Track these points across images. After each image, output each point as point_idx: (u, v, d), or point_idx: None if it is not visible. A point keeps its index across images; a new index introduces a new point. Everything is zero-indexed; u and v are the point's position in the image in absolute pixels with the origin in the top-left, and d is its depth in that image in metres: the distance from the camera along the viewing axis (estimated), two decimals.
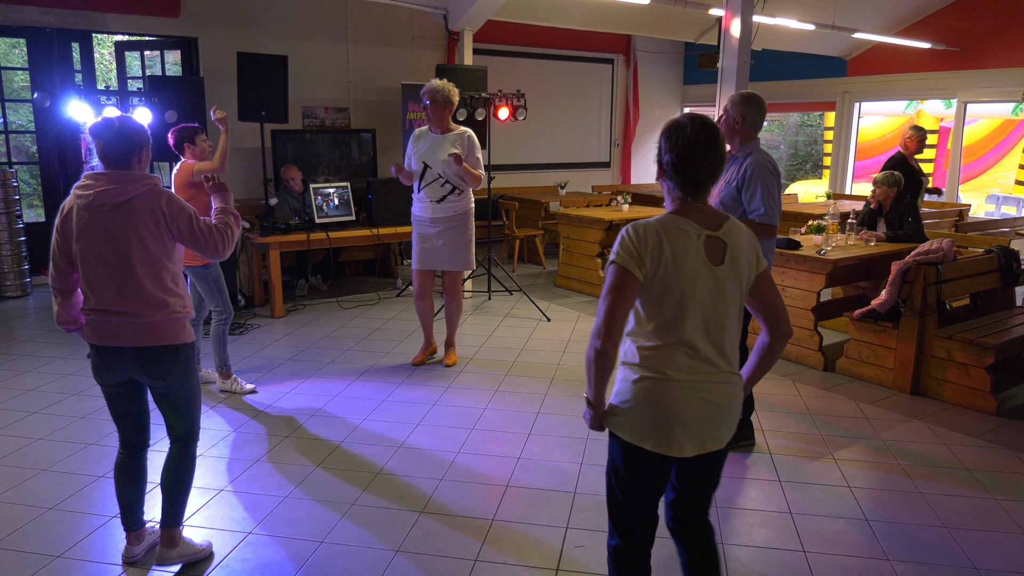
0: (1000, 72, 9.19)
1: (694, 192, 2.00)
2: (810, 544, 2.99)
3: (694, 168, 1.97)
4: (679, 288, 1.94)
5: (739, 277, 2.01)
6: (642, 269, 1.93)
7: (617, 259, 1.96)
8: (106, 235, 2.50)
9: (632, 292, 1.94)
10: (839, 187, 11.07)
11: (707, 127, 1.98)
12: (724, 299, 1.99)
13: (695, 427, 1.99)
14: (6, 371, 4.94)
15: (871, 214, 5.84)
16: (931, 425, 4.23)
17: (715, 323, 1.99)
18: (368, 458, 3.72)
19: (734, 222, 2.04)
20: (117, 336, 2.54)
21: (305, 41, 8.36)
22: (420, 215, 4.97)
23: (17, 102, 8.51)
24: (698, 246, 1.96)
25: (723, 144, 2.01)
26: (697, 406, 1.98)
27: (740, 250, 2.01)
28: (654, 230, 1.96)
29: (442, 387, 4.74)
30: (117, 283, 2.52)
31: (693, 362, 1.98)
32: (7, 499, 3.27)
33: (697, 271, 1.95)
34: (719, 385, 2.01)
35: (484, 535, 3.03)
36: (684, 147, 1.96)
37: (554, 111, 10.83)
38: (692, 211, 2.00)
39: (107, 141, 2.52)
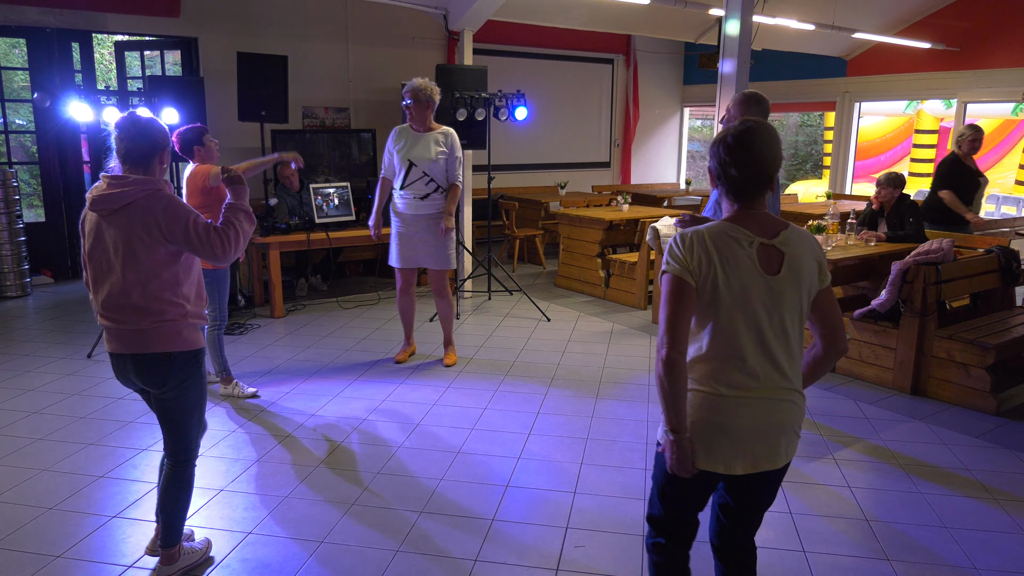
0: (1000, 72, 9.19)
1: (748, 198, 1.92)
2: (810, 544, 2.99)
3: (749, 172, 1.89)
4: (728, 298, 1.87)
5: (799, 288, 1.91)
6: (693, 275, 1.87)
7: (668, 268, 1.91)
8: (104, 240, 2.46)
9: (690, 297, 1.87)
10: (839, 187, 11.07)
11: (766, 129, 1.92)
12: (780, 311, 1.89)
13: (746, 444, 1.90)
14: (6, 371, 4.94)
15: (872, 215, 5.84)
16: (931, 425, 4.23)
17: (771, 336, 1.89)
18: (368, 458, 3.72)
19: (795, 230, 1.95)
20: (117, 343, 2.51)
21: (305, 41, 8.36)
22: (403, 212, 4.94)
23: (17, 102, 8.51)
24: (750, 254, 1.88)
25: (778, 147, 1.93)
26: (748, 422, 1.89)
27: (801, 260, 1.91)
28: (701, 237, 1.89)
29: (442, 387, 4.74)
30: (109, 288, 2.47)
31: (744, 377, 1.89)
32: (7, 499, 3.28)
33: (748, 280, 1.87)
34: (774, 402, 1.91)
35: (484, 535, 3.03)
36: (741, 151, 1.89)
37: (554, 111, 10.83)
38: (746, 218, 1.92)
39: (130, 139, 2.47)
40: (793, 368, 1.95)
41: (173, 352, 2.52)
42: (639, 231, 7.05)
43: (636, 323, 6.34)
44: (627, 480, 3.50)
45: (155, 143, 2.51)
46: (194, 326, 2.58)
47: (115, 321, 2.48)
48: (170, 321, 2.50)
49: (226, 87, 7.49)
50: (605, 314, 6.63)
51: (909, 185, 11.04)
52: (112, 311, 2.48)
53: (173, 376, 2.53)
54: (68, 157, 7.69)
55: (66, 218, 7.77)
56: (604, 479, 3.52)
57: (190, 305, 2.57)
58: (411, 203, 4.90)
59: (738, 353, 1.88)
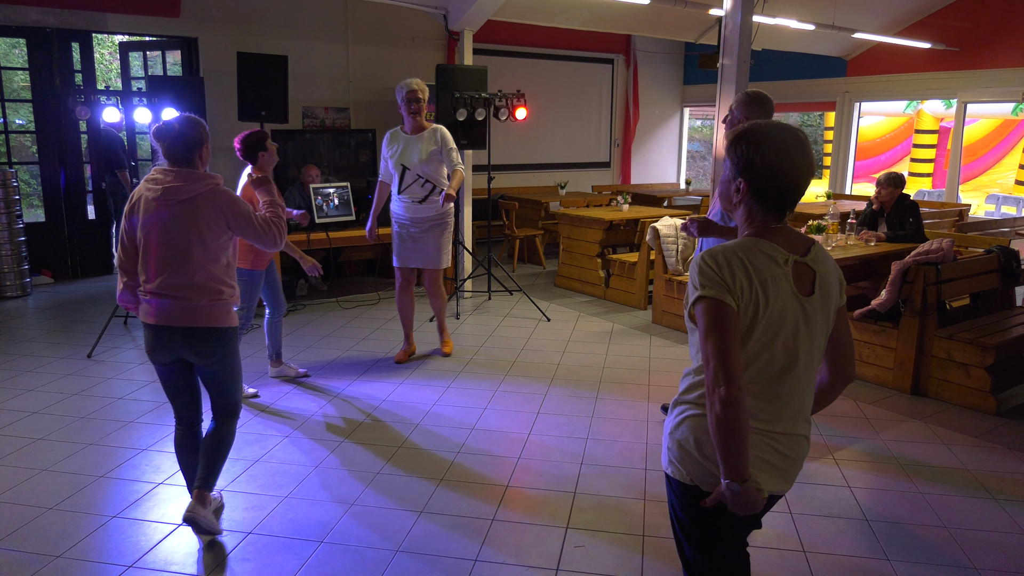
0: (1000, 72, 9.19)
1: (786, 211, 1.74)
2: (810, 544, 2.99)
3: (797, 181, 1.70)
4: (765, 324, 1.67)
5: (828, 311, 1.75)
6: (735, 298, 1.64)
7: (705, 292, 1.65)
8: (169, 226, 2.74)
9: (735, 323, 1.64)
10: (839, 187, 11.07)
11: (801, 135, 1.73)
12: (812, 336, 1.72)
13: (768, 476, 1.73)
14: (6, 371, 4.94)
15: (872, 215, 5.84)
16: (931, 425, 4.23)
17: (801, 365, 1.71)
18: (368, 458, 3.72)
19: (820, 247, 1.79)
20: (170, 317, 2.76)
21: (305, 41, 8.36)
22: (401, 215, 4.99)
23: (17, 102, 8.51)
24: (786, 273, 1.69)
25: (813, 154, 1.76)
26: (769, 457, 1.73)
27: (830, 279, 1.76)
28: (735, 255, 1.67)
29: (442, 387, 4.74)
30: (174, 269, 2.75)
31: (770, 405, 1.72)
32: (7, 499, 3.28)
33: (787, 302, 1.68)
34: (793, 438, 1.76)
35: (484, 535, 3.03)
36: (783, 159, 1.68)
37: (554, 111, 10.83)
38: (776, 233, 1.73)
39: (170, 142, 2.75)
40: (811, 400, 1.81)
41: (223, 327, 2.85)
42: (639, 231, 7.05)
43: (636, 323, 6.34)
44: (627, 480, 3.50)
45: (193, 141, 2.77)
46: (234, 305, 2.94)
47: (174, 298, 2.76)
48: (223, 300, 2.85)
49: (226, 87, 7.48)
50: (605, 314, 6.63)
51: (909, 185, 11.04)
52: (178, 289, 2.76)
53: (221, 348, 2.87)
54: (68, 157, 7.69)
55: (66, 218, 7.77)
56: (604, 479, 3.52)
57: (235, 288, 2.93)
58: (410, 207, 4.94)
59: (768, 384, 1.71)
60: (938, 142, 13.72)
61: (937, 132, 13.71)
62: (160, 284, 2.75)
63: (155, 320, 2.78)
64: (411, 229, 4.97)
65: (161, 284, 2.75)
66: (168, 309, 2.76)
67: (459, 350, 5.51)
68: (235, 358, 2.97)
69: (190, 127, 2.77)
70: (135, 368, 5.04)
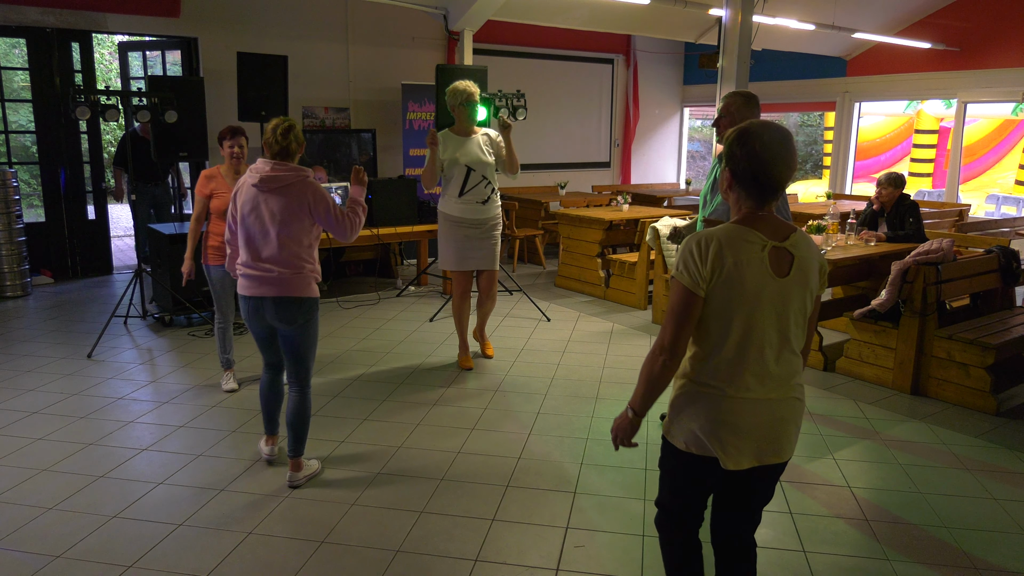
0: (1000, 72, 9.19)
1: (767, 200, 1.93)
2: (810, 544, 2.99)
3: (774, 174, 1.90)
4: (741, 300, 1.89)
5: (805, 290, 1.96)
6: (704, 284, 1.89)
7: (679, 276, 1.92)
8: (264, 209, 3.22)
9: (696, 308, 1.91)
10: (839, 187, 11.08)
11: (784, 133, 1.92)
12: (788, 312, 1.93)
13: (753, 441, 1.95)
14: (6, 371, 4.94)
15: (872, 214, 5.84)
16: (931, 425, 4.23)
17: (778, 337, 1.94)
18: (368, 458, 3.72)
19: (802, 234, 1.99)
20: (262, 287, 3.23)
21: (305, 41, 8.36)
22: (463, 218, 4.87)
23: (17, 102, 8.50)
24: (763, 257, 1.90)
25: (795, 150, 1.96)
26: (754, 421, 1.94)
27: (809, 263, 1.96)
28: (717, 240, 1.90)
29: (442, 387, 4.74)
30: (267, 246, 3.22)
31: (752, 377, 1.93)
32: (7, 499, 3.28)
33: (761, 283, 1.90)
34: (780, 401, 1.97)
35: (484, 535, 3.03)
36: (764, 154, 1.88)
37: (554, 111, 10.83)
38: (759, 221, 1.94)
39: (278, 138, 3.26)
40: (797, 366, 2.00)
41: (304, 297, 3.27)
42: (639, 231, 7.05)
43: (636, 323, 6.34)
44: (627, 480, 3.50)
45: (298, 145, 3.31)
46: (315, 280, 3.34)
47: (268, 271, 3.23)
48: (304, 274, 3.27)
49: (226, 87, 7.49)
50: (605, 314, 6.63)
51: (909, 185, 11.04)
52: (270, 262, 3.23)
53: (302, 315, 3.28)
54: (68, 157, 7.68)
55: (66, 218, 7.77)
56: (604, 479, 3.52)
57: (316, 264, 3.35)
58: (473, 207, 4.86)
59: (747, 354, 1.92)
60: (938, 142, 13.71)
61: (937, 132, 13.71)
62: (258, 259, 3.23)
63: (251, 292, 3.25)
64: (472, 231, 4.90)
65: (259, 259, 3.23)
66: (262, 281, 3.23)
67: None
68: (314, 327, 3.36)
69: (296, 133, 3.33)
70: (135, 368, 5.04)
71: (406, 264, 8.88)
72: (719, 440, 1.95)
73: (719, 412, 1.94)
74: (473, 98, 4.76)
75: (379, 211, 6.88)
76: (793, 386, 1.99)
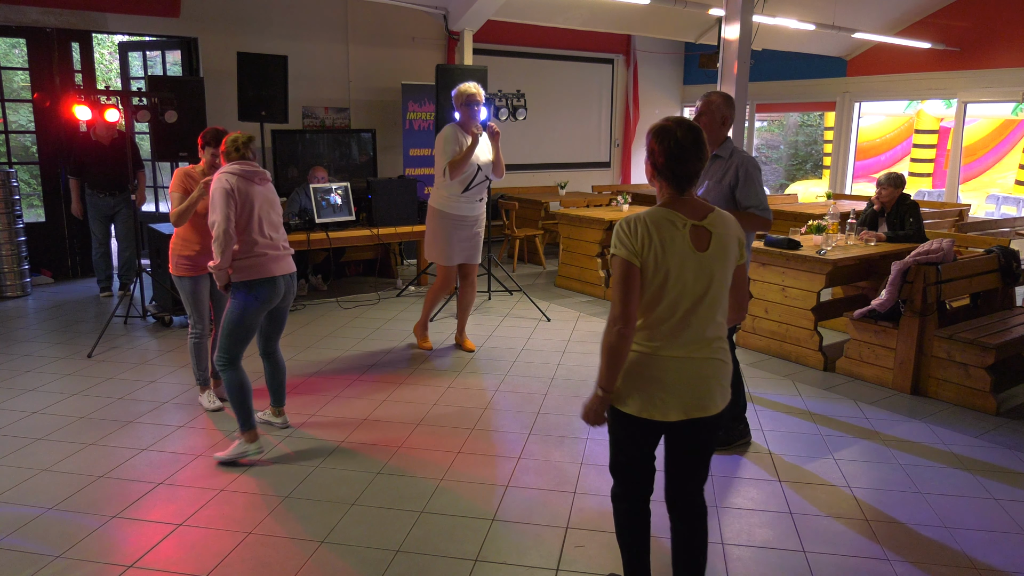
0: (1000, 72, 9.19)
1: (684, 187, 2.22)
2: (810, 544, 2.99)
3: (687, 166, 2.19)
4: (667, 271, 2.16)
5: (725, 262, 2.23)
6: (638, 257, 2.16)
7: (617, 252, 2.19)
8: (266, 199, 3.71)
9: (636, 277, 2.17)
10: (839, 187, 11.08)
11: (695, 130, 2.21)
12: (708, 281, 2.19)
13: (679, 396, 2.20)
14: (6, 371, 4.94)
15: (872, 214, 5.84)
16: (931, 425, 4.23)
17: (702, 303, 2.19)
18: (368, 458, 3.72)
19: (719, 213, 2.25)
20: (285, 265, 3.71)
21: (305, 41, 8.36)
22: (465, 215, 5.13)
23: (17, 102, 8.51)
24: (684, 235, 2.18)
25: (707, 144, 2.24)
26: (680, 377, 2.19)
27: (726, 238, 2.23)
28: (643, 222, 2.18)
29: (442, 387, 4.74)
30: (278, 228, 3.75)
31: (677, 337, 2.19)
32: (7, 499, 3.28)
33: (684, 256, 2.17)
34: (703, 360, 2.22)
35: (484, 535, 3.03)
36: (676, 148, 2.18)
37: (554, 111, 10.83)
38: (680, 204, 2.22)
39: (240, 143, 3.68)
40: (720, 331, 2.26)
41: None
42: None
43: None
44: None
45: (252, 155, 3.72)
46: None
47: (285, 251, 3.75)
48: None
49: (226, 87, 7.49)
50: (605, 314, 6.60)
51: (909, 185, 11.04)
52: (284, 242, 3.77)
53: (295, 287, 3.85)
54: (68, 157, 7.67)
55: (66, 218, 7.77)
56: (604, 479, 3.51)
57: None
58: (474, 206, 5.14)
59: (674, 318, 2.19)
60: (938, 142, 13.71)
61: (937, 132, 13.71)
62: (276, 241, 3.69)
63: (279, 270, 3.67)
64: (473, 227, 5.19)
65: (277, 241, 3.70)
66: (283, 260, 3.70)
67: (459, 350, 5.51)
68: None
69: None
70: (135, 368, 5.04)
71: (406, 264, 8.88)
72: (649, 395, 2.20)
73: (650, 369, 2.19)
74: (474, 99, 4.96)
75: (379, 211, 6.87)
76: (716, 348, 2.24)
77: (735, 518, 3.21)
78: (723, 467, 3.65)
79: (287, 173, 7.79)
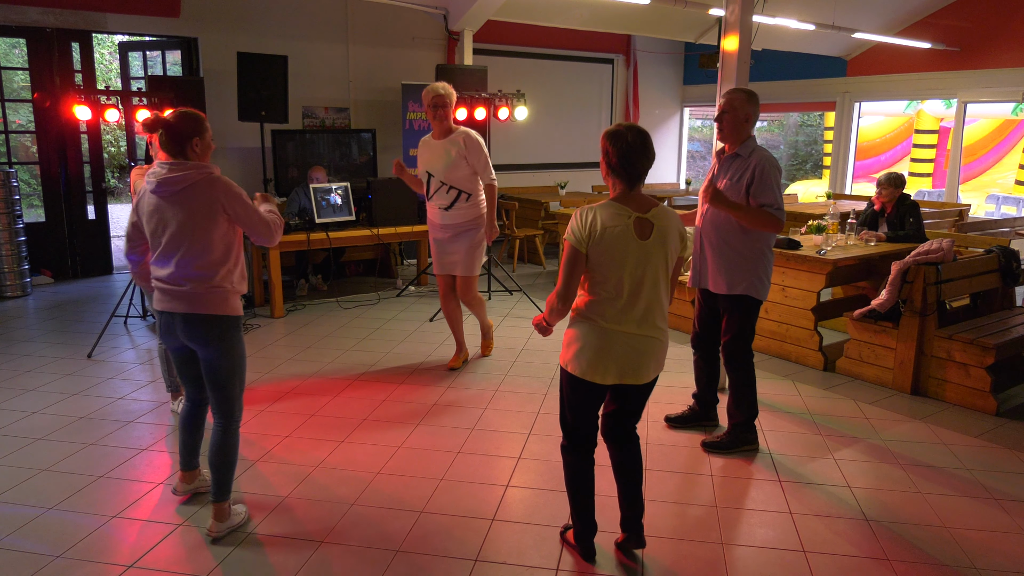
0: (1000, 72, 9.19)
1: (634, 183, 2.59)
2: (810, 544, 2.99)
3: (637, 166, 2.56)
4: (611, 256, 2.52)
5: (665, 251, 2.59)
6: (585, 244, 2.53)
7: (568, 238, 2.57)
8: (167, 216, 2.80)
9: (581, 262, 2.56)
10: (839, 187, 11.07)
11: (643, 134, 2.58)
12: (648, 266, 2.56)
13: (616, 363, 2.59)
14: (6, 371, 4.94)
15: (872, 215, 5.84)
16: (931, 425, 4.23)
17: (641, 286, 2.57)
18: (368, 458, 3.72)
19: (663, 208, 2.62)
20: (172, 303, 2.84)
21: (305, 41, 8.36)
22: (432, 221, 4.94)
23: (17, 102, 8.51)
24: (628, 225, 2.54)
25: (652, 146, 2.60)
26: (620, 349, 2.58)
27: (667, 231, 2.59)
28: (594, 212, 2.55)
29: (442, 387, 4.74)
30: (173, 257, 2.81)
31: (620, 314, 2.57)
32: (7, 499, 3.28)
33: (627, 244, 2.53)
34: (640, 337, 2.60)
35: (484, 535, 3.03)
36: (627, 150, 2.54)
37: (554, 111, 10.83)
38: (629, 198, 2.59)
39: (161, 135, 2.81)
40: (659, 312, 2.62)
41: (219, 315, 2.85)
42: None
43: None
44: None
45: (183, 134, 2.80)
46: (237, 295, 2.94)
47: (176, 285, 2.83)
48: (219, 288, 2.85)
49: (226, 87, 7.49)
50: None
51: (909, 185, 11.04)
52: (177, 276, 2.82)
53: (217, 336, 2.86)
54: (68, 157, 7.68)
55: (66, 218, 7.77)
56: (604, 479, 3.51)
57: (236, 275, 2.92)
58: (438, 214, 4.86)
59: (617, 297, 2.56)
60: (938, 142, 13.71)
61: (937, 132, 13.70)
62: (165, 273, 2.84)
63: (161, 307, 2.89)
64: (441, 235, 4.91)
65: (166, 273, 2.84)
66: (172, 296, 2.84)
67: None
68: (235, 351, 2.91)
69: (180, 119, 2.81)
70: (135, 368, 5.04)
71: (406, 264, 8.89)
72: (589, 360, 2.59)
73: (594, 338, 2.58)
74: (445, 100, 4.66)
75: (379, 211, 6.88)
76: (654, 326, 2.62)
77: (735, 518, 3.21)
78: (723, 467, 3.65)
79: (287, 173, 7.79)
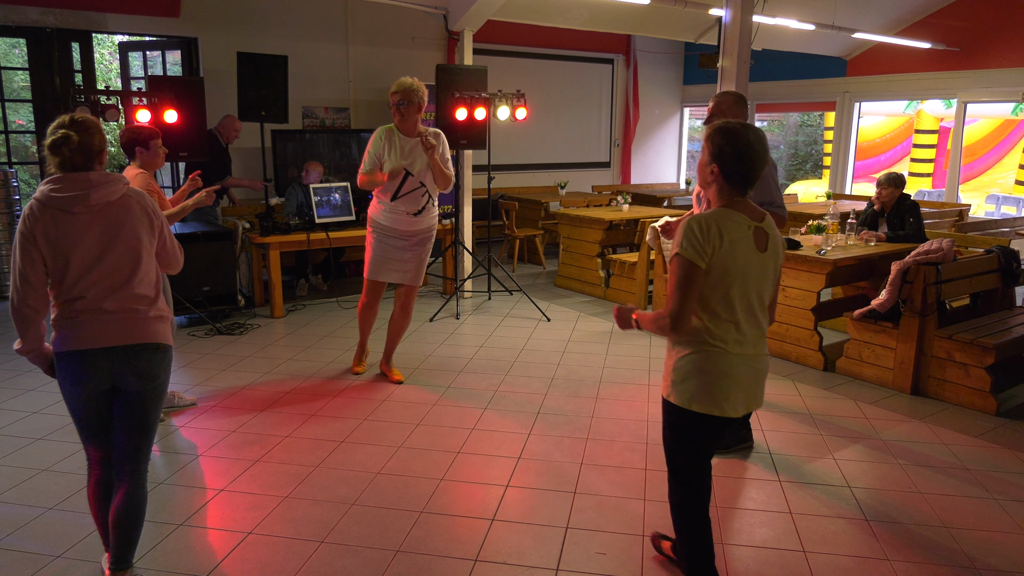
0: (1000, 72, 9.19)
1: (746, 190, 2.32)
2: (810, 544, 2.99)
3: (756, 170, 2.29)
4: (735, 271, 2.26)
5: (777, 262, 2.39)
6: (705, 259, 2.23)
7: (683, 252, 2.24)
8: (102, 234, 2.39)
9: (699, 279, 2.24)
10: (839, 187, 11.07)
11: (763, 135, 2.32)
12: (767, 281, 2.36)
13: (744, 392, 2.34)
14: (6, 371, 4.93)
15: (872, 215, 5.84)
16: (931, 425, 4.23)
17: (758, 302, 2.34)
18: (368, 458, 3.72)
19: (769, 216, 2.39)
20: (110, 335, 2.40)
21: (305, 41, 8.36)
22: (390, 227, 4.50)
23: (17, 102, 8.51)
24: (748, 235, 2.29)
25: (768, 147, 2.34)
26: (745, 375, 2.33)
27: (777, 240, 2.39)
28: (714, 221, 2.25)
29: (442, 387, 4.74)
30: (115, 281, 2.41)
31: (743, 335, 2.32)
32: (7, 499, 3.28)
33: (749, 257, 2.28)
34: (759, 356, 2.38)
35: (484, 535, 3.03)
36: (748, 151, 2.26)
37: (554, 111, 10.83)
38: (740, 206, 2.32)
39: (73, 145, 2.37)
40: (767, 326, 2.43)
41: (166, 345, 2.55)
42: (639, 231, 7.05)
43: None
44: (627, 480, 3.50)
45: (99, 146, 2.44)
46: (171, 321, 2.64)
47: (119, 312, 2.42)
48: (163, 314, 2.55)
49: (226, 87, 7.48)
50: (605, 314, 6.63)
51: (909, 185, 11.03)
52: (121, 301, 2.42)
53: (164, 369, 2.53)
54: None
55: None
56: (604, 479, 3.52)
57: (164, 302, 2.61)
58: (404, 219, 4.48)
59: (741, 317, 2.31)
60: (938, 142, 13.70)
61: (937, 132, 13.70)
62: (103, 300, 2.40)
63: (92, 343, 2.38)
64: (398, 241, 4.53)
65: (104, 300, 2.40)
66: (111, 326, 2.40)
67: (459, 350, 5.51)
68: (166, 385, 2.59)
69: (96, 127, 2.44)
70: None
71: None
72: (723, 392, 2.30)
73: (720, 368, 2.30)
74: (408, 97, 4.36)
75: None
76: (765, 343, 2.42)
77: (735, 518, 3.21)
78: (723, 467, 3.65)
79: (287, 173, 7.79)
